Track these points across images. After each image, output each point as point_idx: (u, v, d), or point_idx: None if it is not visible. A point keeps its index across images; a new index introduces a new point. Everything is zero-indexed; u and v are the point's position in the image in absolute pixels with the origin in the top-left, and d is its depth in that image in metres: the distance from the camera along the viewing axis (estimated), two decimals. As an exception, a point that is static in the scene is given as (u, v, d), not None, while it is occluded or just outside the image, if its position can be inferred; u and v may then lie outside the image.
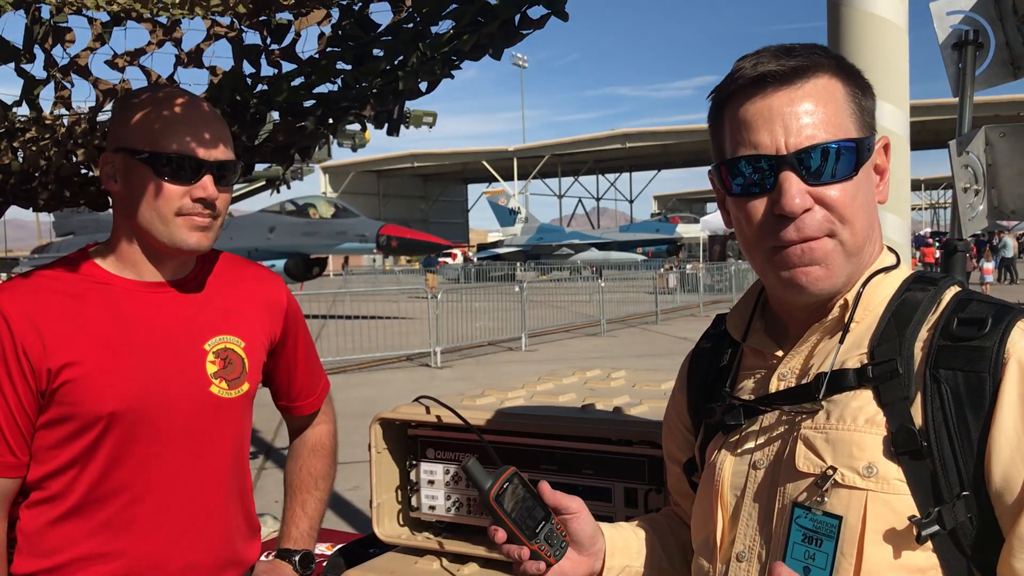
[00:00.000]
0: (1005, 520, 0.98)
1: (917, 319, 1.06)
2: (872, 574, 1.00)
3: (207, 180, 1.57)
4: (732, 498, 1.16)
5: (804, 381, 1.12)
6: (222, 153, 1.59)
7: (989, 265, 24.84)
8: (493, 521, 1.20)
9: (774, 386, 1.15)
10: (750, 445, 1.16)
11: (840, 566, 1.02)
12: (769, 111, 1.06)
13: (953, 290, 1.10)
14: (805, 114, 1.05)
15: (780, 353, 1.17)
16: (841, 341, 1.09)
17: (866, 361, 1.06)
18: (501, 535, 1.20)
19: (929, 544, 0.99)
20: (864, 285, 1.11)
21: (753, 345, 1.21)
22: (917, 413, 1.02)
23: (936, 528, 0.97)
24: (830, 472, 1.03)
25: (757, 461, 1.14)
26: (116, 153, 1.59)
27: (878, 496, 1.01)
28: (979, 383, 0.99)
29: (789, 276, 1.08)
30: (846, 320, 1.10)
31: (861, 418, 1.04)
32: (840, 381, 1.06)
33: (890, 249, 1.18)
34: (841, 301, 1.11)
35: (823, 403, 1.07)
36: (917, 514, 0.99)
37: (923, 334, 1.06)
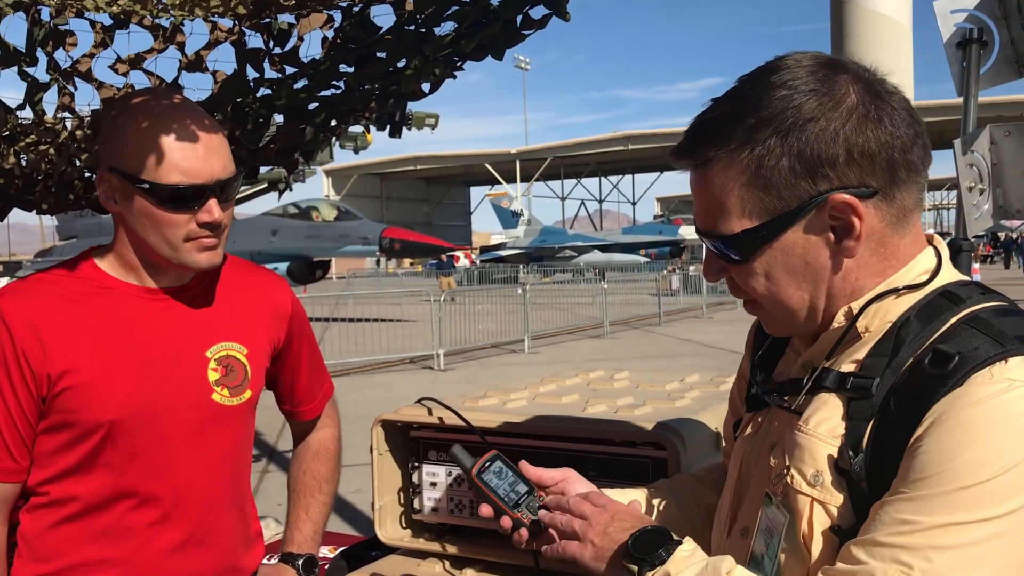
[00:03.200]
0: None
1: (918, 342, 1.02)
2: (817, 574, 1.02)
3: (211, 204, 1.52)
4: (745, 475, 1.20)
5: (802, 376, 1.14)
6: (222, 170, 1.53)
7: (975, 265, 24.76)
8: (479, 497, 1.31)
9: (788, 376, 1.18)
10: (764, 427, 1.19)
11: (784, 562, 1.06)
12: (690, 187, 1.13)
13: (968, 312, 1.02)
14: (698, 203, 1.11)
15: (811, 344, 1.16)
16: (830, 353, 1.09)
17: (854, 371, 1.05)
18: (486, 509, 1.30)
19: None
20: (874, 300, 1.07)
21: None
22: (867, 436, 1.01)
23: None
24: (784, 472, 1.06)
25: (762, 444, 1.17)
26: (111, 172, 1.53)
27: (822, 504, 1.03)
28: (916, 419, 0.96)
29: None
30: (844, 331, 1.08)
31: (823, 427, 1.05)
32: (820, 380, 1.08)
33: (937, 252, 1.12)
34: (845, 309, 1.08)
35: (805, 400, 1.09)
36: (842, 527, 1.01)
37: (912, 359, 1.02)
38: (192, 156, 1.49)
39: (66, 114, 2.07)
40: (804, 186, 1.02)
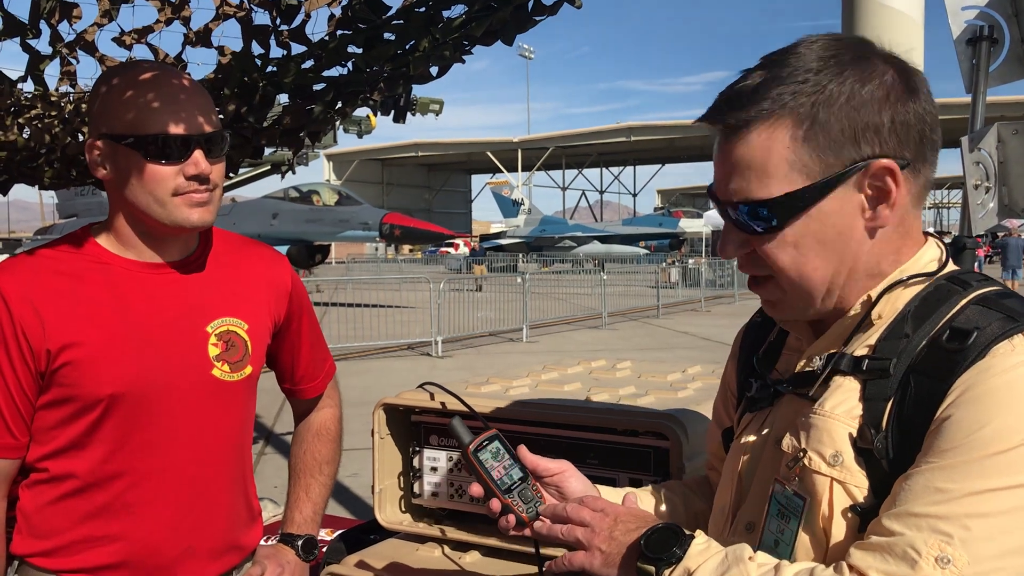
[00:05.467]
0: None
1: (932, 322, 1.04)
2: (838, 553, 1.02)
3: (198, 155, 1.53)
4: (748, 472, 1.19)
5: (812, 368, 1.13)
6: (208, 125, 1.55)
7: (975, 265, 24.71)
8: (472, 476, 1.29)
9: (799, 369, 1.17)
10: (770, 422, 1.18)
11: (802, 542, 1.06)
12: (715, 156, 1.11)
13: (977, 294, 1.05)
14: (730, 169, 1.08)
15: (812, 338, 1.18)
16: (847, 341, 1.10)
17: (868, 353, 1.07)
18: (477, 489, 1.28)
19: None
20: (886, 291, 1.08)
21: (790, 327, 1.23)
22: (887, 414, 1.02)
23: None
24: (801, 455, 1.07)
25: (769, 438, 1.17)
26: (100, 139, 1.55)
27: (842, 484, 1.04)
28: (940, 394, 0.98)
29: (762, 304, 1.17)
30: (861, 318, 1.09)
31: (841, 408, 1.06)
32: (835, 364, 1.08)
33: (939, 244, 1.14)
34: (864, 298, 1.10)
35: (819, 388, 1.10)
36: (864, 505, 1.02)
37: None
38: (175, 110, 1.51)
39: (69, 87, 2.05)
40: (850, 150, 1.03)
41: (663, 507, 1.38)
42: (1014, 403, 0.93)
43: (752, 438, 1.20)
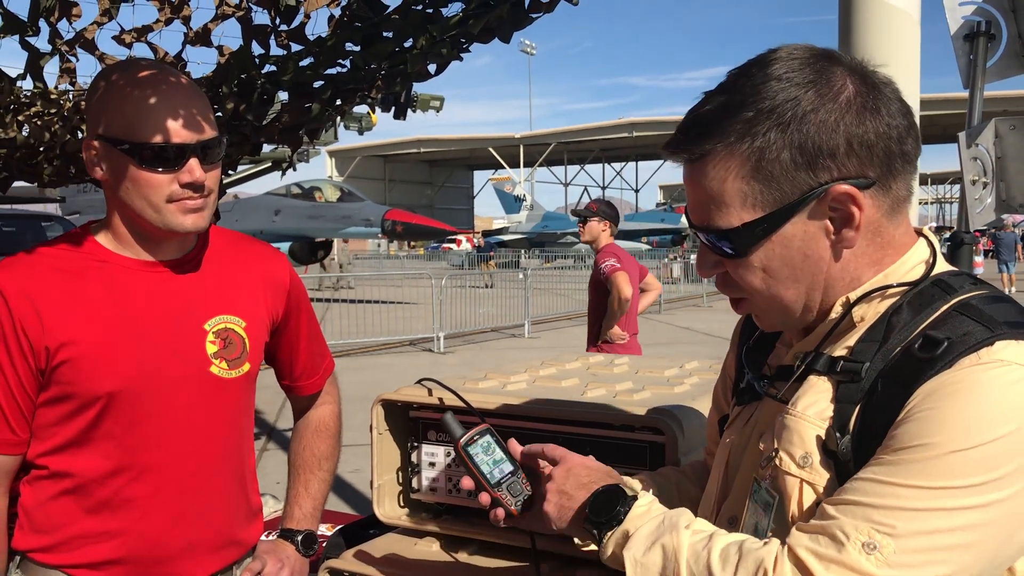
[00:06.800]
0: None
1: (910, 328, 1.03)
2: None
3: (193, 164, 1.52)
4: (734, 465, 1.21)
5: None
6: (204, 132, 1.54)
7: (979, 259, 24.69)
8: (463, 469, 1.32)
9: (783, 363, 1.18)
10: (754, 418, 1.19)
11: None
12: (683, 180, 1.13)
13: (960, 299, 1.03)
14: (694, 197, 1.10)
15: (802, 335, 1.18)
16: (824, 340, 1.10)
17: (844, 355, 1.07)
18: (468, 482, 1.31)
19: None
20: (868, 294, 1.08)
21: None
22: (854, 418, 1.03)
23: None
24: (773, 455, 1.08)
25: (751, 434, 1.18)
26: (96, 139, 1.55)
27: (811, 485, 1.04)
28: (901, 400, 0.98)
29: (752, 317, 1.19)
30: (839, 320, 1.10)
31: (812, 410, 1.06)
32: (811, 364, 1.09)
33: (931, 243, 1.13)
34: (843, 299, 1.09)
35: (794, 387, 1.10)
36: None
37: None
38: (171, 117, 1.50)
39: (69, 85, 2.06)
40: (804, 177, 1.02)
41: (655, 494, 1.39)
42: (967, 409, 0.93)
43: (739, 431, 1.22)
